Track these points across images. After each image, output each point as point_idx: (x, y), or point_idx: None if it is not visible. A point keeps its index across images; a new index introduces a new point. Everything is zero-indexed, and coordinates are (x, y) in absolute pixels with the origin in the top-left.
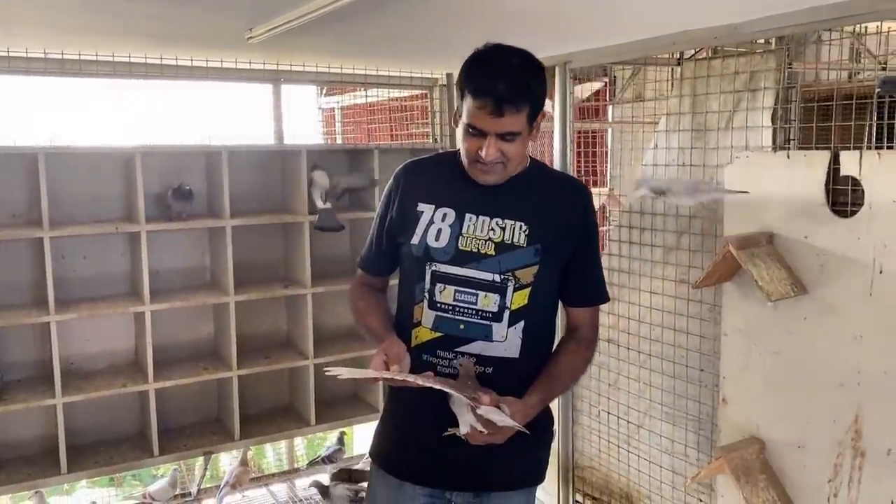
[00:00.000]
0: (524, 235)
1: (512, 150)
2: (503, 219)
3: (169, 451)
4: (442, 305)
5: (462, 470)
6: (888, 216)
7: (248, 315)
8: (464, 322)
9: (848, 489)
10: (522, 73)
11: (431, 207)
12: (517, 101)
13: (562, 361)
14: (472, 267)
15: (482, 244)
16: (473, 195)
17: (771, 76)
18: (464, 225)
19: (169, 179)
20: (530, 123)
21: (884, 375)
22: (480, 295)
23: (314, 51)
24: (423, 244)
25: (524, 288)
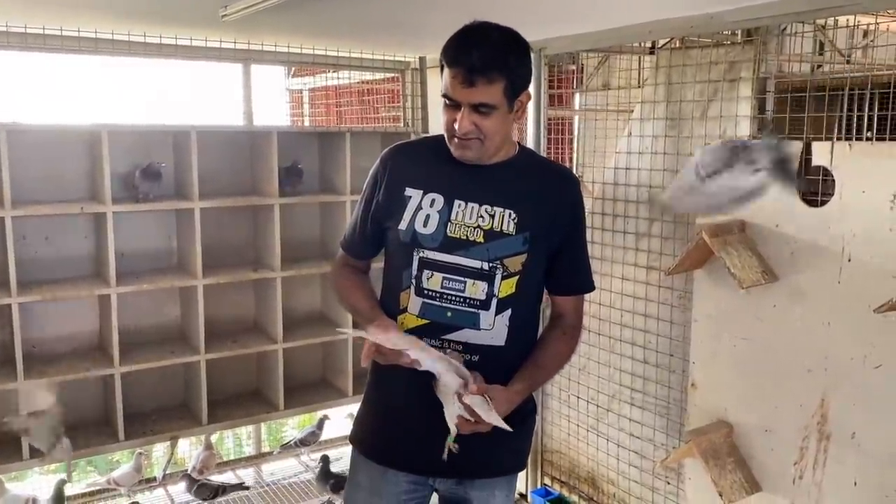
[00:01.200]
0: (513, 223)
1: (487, 124)
2: (492, 206)
3: (134, 436)
4: (429, 292)
5: (418, 452)
6: (858, 206)
7: (216, 298)
8: (451, 310)
9: (813, 471)
10: (499, 45)
11: (419, 192)
12: (488, 71)
13: (547, 349)
14: (461, 254)
15: (471, 231)
16: (462, 181)
17: (750, 67)
18: (453, 211)
19: (135, 159)
20: (509, 100)
21: (850, 361)
22: (468, 283)
23: (287, 30)
24: (410, 230)
25: (512, 276)
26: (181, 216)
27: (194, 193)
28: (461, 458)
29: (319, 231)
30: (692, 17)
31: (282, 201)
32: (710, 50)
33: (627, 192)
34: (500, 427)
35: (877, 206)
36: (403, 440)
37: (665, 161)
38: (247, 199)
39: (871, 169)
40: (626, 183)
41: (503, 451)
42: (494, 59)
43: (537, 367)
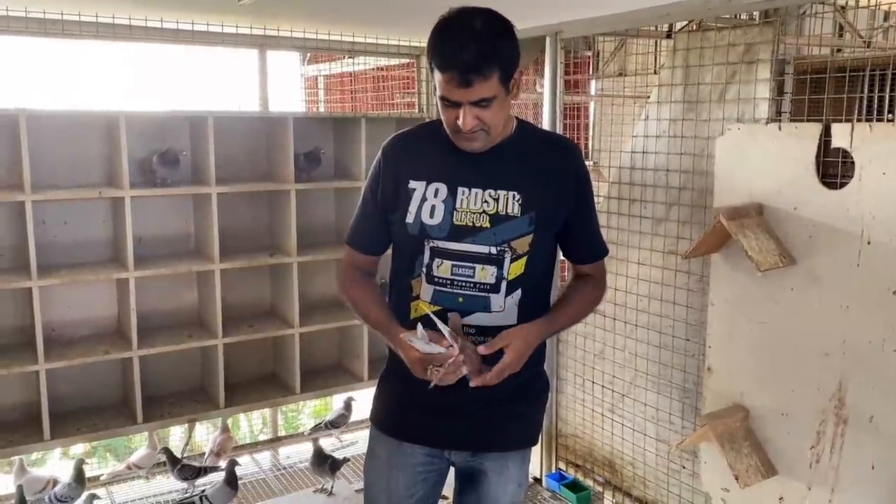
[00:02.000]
0: (518, 205)
1: (489, 115)
2: (496, 189)
3: (152, 418)
4: (439, 280)
5: (459, 429)
6: (878, 188)
7: (232, 283)
8: (462, 295)
9: (830, 455)
10: (486, 37)
11: (423, 184)
12: (483, 68)
13: (568, 294)
14: (469, 241)
15: (477, 217)
16: (464, 167)
17: (768, 49)
18: (457, 199)
19: (153, 144)
20: (505, 85)
21: (868, 345)
22: (478, 268)
23: (302, 16)
24: (418, 222)
25: (521, 258)
26: (198, 201)
27: (211, 179)
28: (476, 431)
29: (335, 217)
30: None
31: (298, 187)
32: (728, 32)
33: (644, 176)
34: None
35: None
36: (418, 415)
37: (683, 145)
38: (263, 185)
39: (891, 150)
40: (643, 167)
41: (517, 425)
42: (485, 55)
43: (556, 309)
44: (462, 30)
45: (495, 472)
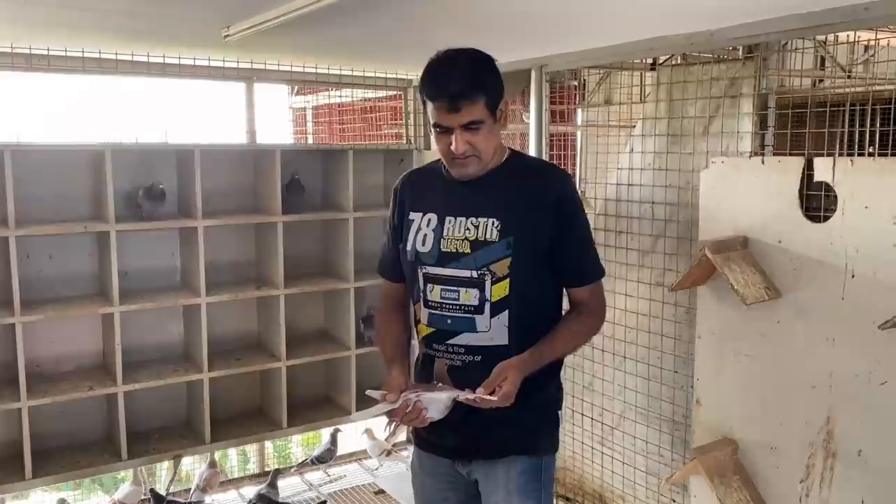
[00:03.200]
0: (496, 231)
1: (479, 139)
2: (477, 217)
3: (137, 454)
4: (432, 303)
5: (454, 439)
6: (860, 222)
7: (219, 316)
8: (450, 317)
9: (820, 489)
10: (470, 67)
11: (420, 215)
12: (469, 92)
13: (560, 325)
14: (453, 266)
15: (459, 244)
16: (454, 198)
17: (751, 83)
18: (444, 228)
19: (139, 178)
20: (492, 113)
21: (855, 378)
22: (462, 291)
23: (289, 49)
24: (413, 250)
25: (502, 280)
26: (184, 234)
27: (198, 212)
28: (464, 440)
29: (322, 248)
30: (692, 33)
31: (285, 219)
32: (711, 66)
33: (630, 208)
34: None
35: (879, 221)
36: (433, 428)
37: (668, 177)
38: (250, 217)
39: (873, 185)
40: (628, 199)
41: (503, 431)
42: (471, 82)
43: (547, 339)
44: (450, 64)
45: (482, 478)
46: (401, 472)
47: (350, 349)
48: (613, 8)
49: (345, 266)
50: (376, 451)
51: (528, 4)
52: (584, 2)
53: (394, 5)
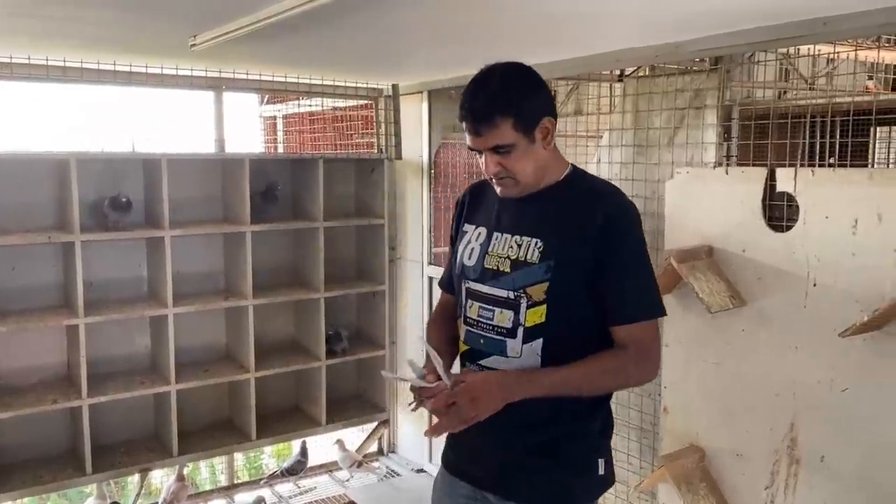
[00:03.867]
0: (538, 252)
1: (511, 162)
2: (522, 236)
3: (103, 468)
4: (469, 320)
5: (482, 469)
6: (821, 231)
7: (186, 327)
8: (483, 337)
9: (784, 495)
10: (499, 87)
11: (473, 227)
12: (492, 116)
13: (590, 357)
14: (491, 284)
15: (501, 262)
16: (504, 214)
17: (715, 94)
18: (491, 243)
19: (105, 187)
20: (526, 133)
21: (817, 385)
22: (497, 311)
23: (258, 59)
24: (460, 263)
25: (538, 305)
26: (151, 244)
27: (165, 222)
28: (495, 474)
29: (293, 258)
30: (658, 46)
31: (254, 228)
32: (676, 78)
33: None
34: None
35: (839, 231)
36: (460, 450)
37: (634, 187)
38: (218, 227)
39: (833, 195)
40: None
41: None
42: (492, 105)
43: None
44: (479, 82)
45: None
46: (372, 484)
47: (320, 360)
48: (582, 20)
49: (315, 276)
50: (347, 462)
51: (496, 16)
52: (555, 14)
53: (361, 17)
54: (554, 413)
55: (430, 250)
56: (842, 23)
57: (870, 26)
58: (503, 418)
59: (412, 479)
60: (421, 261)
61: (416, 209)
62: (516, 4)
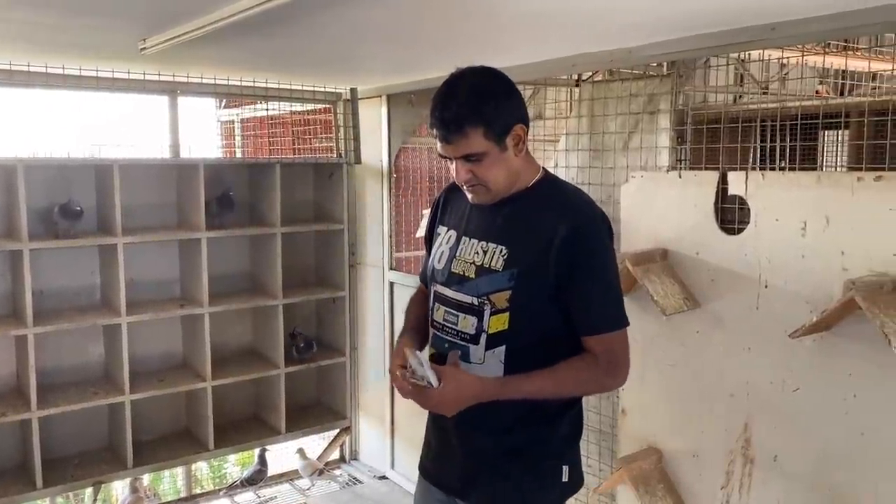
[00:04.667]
0: (502, 259)
1: (482, 170)
2: (488, 242)
3: (54, 482)
4: (436, 324)
5: (448, 473)
6: (772, 234)
7: (141, 336)
8: (448, 342)
9: (739, 495)
10: (468, 96)
11: (445, 229)
12: (461, 125)
13: (559, 364)
14: (456, 289)
15: (467, 267)
16: (474, 218)
17: (668, 99)
18: (459, 247)
19: (56, 194)
20: (496, 142)
21: (770, 385)
22: (461, 317)
23: (214, 62)
24: (431, 265)
25: (501, 313)
26: (104, 252)
27: (117, 229)
28: (458, 478)
29: (250, 265)
30: (613, 51)
31: (209, 235)
32: (631, 83)
33: None
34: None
35: (789, 233)
36: (429, 455)
37: (590, 192)
38: (173, 234)
39: (783, 198)
40: None
41: (496, 484)
42: (461, 114)
43: (533, 373)
44: (448, 90)
45: None
46: (333, 493)
47: (279, 367)
48: (537, 24)
49: (273, 282)
50: (308, 470)
51: (453, 21)
52: (511, 19)
53: (317, 20)
54: (519, 418)
55: (391, 255)
56: (790, 28)
57: (816, 32)
58: (470, 422)
59: (374, 485)
60: (382, 266)
61: (376, 214)
62: (471, 8)
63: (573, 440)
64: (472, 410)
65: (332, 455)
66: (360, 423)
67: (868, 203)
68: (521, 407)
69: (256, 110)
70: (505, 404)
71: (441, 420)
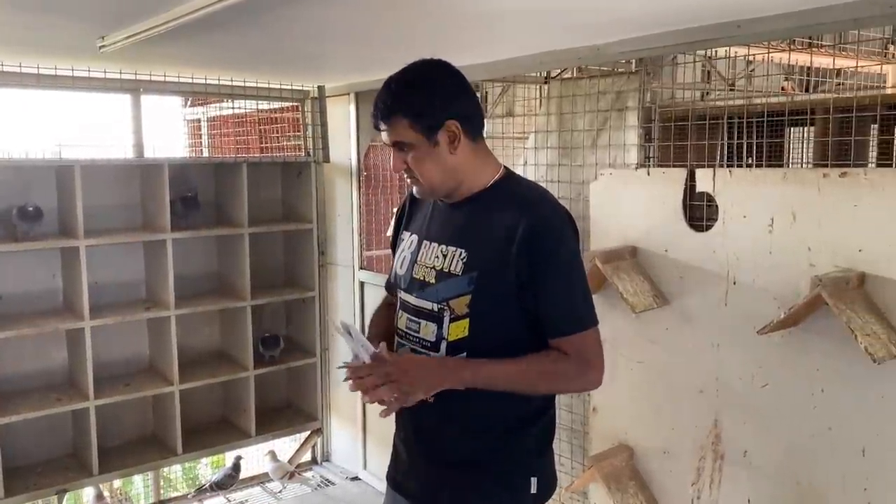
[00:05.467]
0: (462, 263)
1: (414, 163)
2: (447, 245)
3: (17, 491)
4: (399, 331)
5: (412, 483)
6: (739, 230)
7: (105, 340)
8: (410, 349)
9: (710, 491)
10: (402, 86)
11: (408, 234)
12: (388, 113)
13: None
14: (417, 295)
15: (427, 272)
16: (435, 221)
17: (636, 96)
18: (420, 252)
19: (14, 196)
20: (425, 136)
21: (739, 381)
22: (422, 324)
23: (177, 60)
24: (394, 271)
25: (461, 319)
26: (66, 254)
27: (79, 231)
28: (421, 487)
29: (217, 266)
30: (580, 48)
31: (174, 236)
32: (598, 80)
33: None
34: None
35: (757, 230)
36: (395, 463)
37: (559, 189)
38: (137, 235)
39: (750, 194)
40: None
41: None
42: (392, 103)
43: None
44: (390, 78)
45: None
46: (304, 495)
47: (248, 370)
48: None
49: (241, 283)
50: (279, 473)
51: (415, 19)
52: (476, 17)
53: (281, 17)
54: (487, 428)
55: (362, 254)
56: (755, 26)
57: (781, 29)
58: (436, 432)
59: (346, 487)
60: (352, 265)
61: (345, 213)
62: (432, 7)
63: (543, 450)
64: (437, 420)
65: (304, 457)
66: (332, 424)
67: (833, 199)
68: (486, 416)
69: (223, 109)
70: (468, 412)
71: (406, 429)
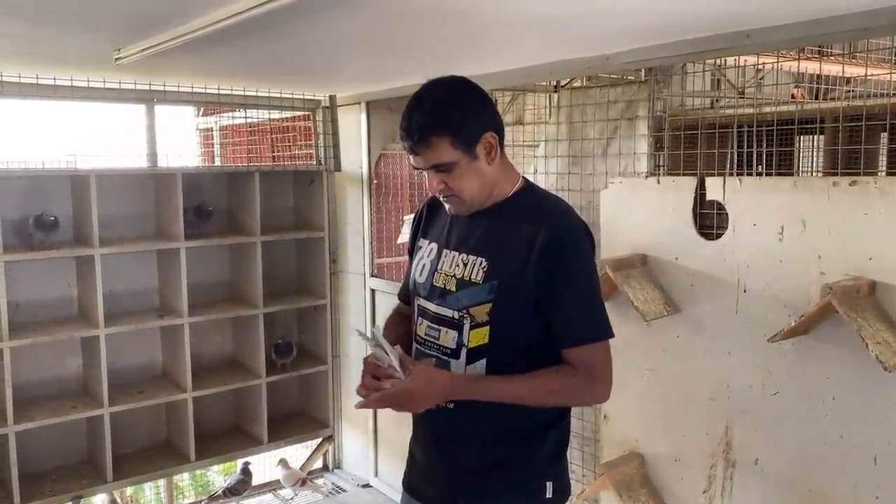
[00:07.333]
0: (482, 272)
1: (454, 180)
2: (468, 254)
3: (32, 498)
4: (419, 339)
5: (432, 489)
6: (750, 239)
7: (120, 348)
8: (432, 356)
9: (721, 498)
10: (433, 106)
11: (427, 242)
12: (427, 136)
13: (538, 371)
14: (438, 303)
15: (448, 280)
16: (455, 230)
17: (646, 105)
18: (440, 260)
19: (31, 205)
20: (465, 151)
21: (750, 389)
22: (442, 331)
23: (191, 71)
24: (413, 278)
25: (481, 326)
26: (81, 263)
27: (94, 239)
28: (442, 493)
29: (229, 274)
30: (590, 57)
31: (188, 244)
32: (609, 89)
33: None
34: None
35: (767, 238)
36: (412, 469)
37: (570, 198)
38: (150, 244)
39: (760, 203)
40: None
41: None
42: (427, 125)
43: (502, 378)
44: (414, 101)
45: None
46: (316, 502)
47: (260, 377)
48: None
49: (253, 291)
50: (290, 480)
51: (429, 31)
52: (487, 27)
53: (294, 28)
54: (504, 434)
55: (373, 262)
56: (765, 35)
57: (790, 39)
58: (454, 437)
59: (358, 494)
60: (363, 273)
61: (356, 221)
62: (447, 18)
63: (558, 456)
64: (459, 427)
65: (316, 464)
66: (343, 432)
67: (844, 208)
68: (506, 422)
69: (235, 118)
70: (490, 419)
71: (424, 434)
